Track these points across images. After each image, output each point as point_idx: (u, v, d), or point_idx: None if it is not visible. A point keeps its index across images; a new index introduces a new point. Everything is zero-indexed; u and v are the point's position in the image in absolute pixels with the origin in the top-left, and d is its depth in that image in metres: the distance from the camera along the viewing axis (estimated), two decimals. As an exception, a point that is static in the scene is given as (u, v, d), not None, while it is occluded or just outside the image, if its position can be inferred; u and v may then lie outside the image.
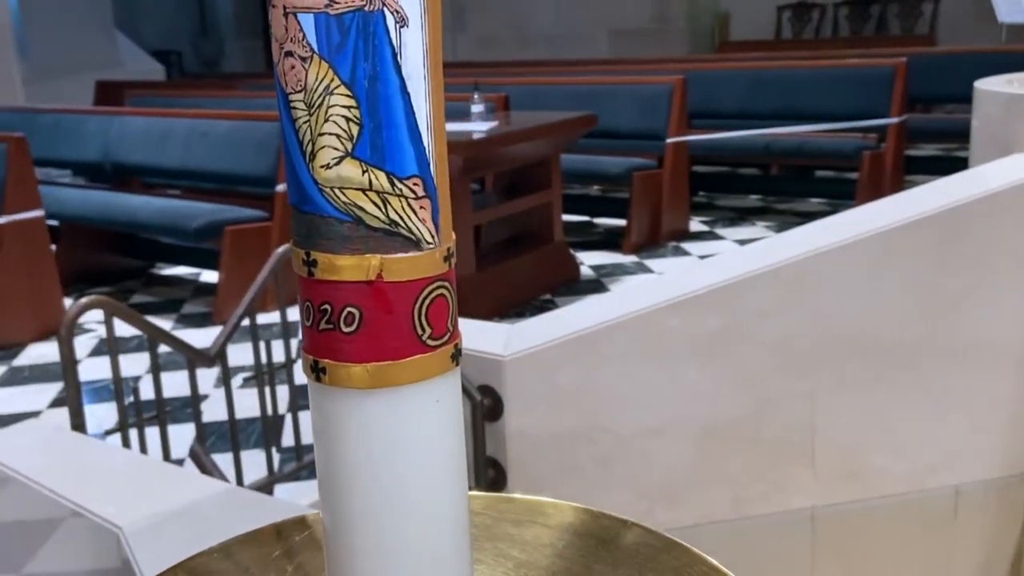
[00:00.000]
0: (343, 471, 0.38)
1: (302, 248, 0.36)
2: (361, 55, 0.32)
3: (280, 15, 0.33)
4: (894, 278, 2.05)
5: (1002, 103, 2.36)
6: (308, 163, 0.34)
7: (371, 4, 0.32)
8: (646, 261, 4.40)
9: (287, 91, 0.34)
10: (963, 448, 2.16)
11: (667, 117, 4.51)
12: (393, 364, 0.36)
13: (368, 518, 0.38)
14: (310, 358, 0.37)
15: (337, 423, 0.37)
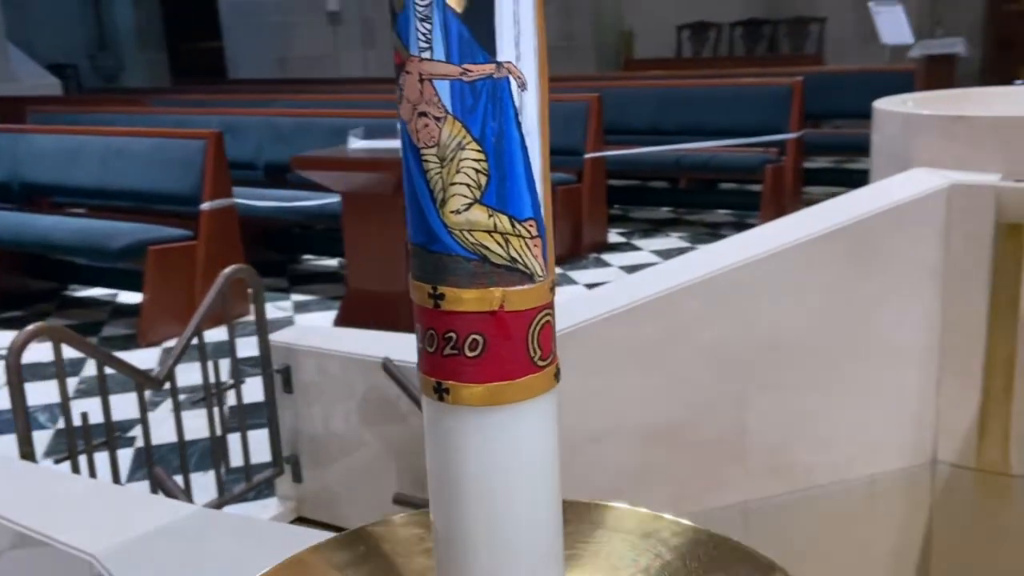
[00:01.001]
0: (461, 480, 0.46)
1: (428, 283, 0.43)
2: (490, 115, 0.40)
3: (415, 81, 0.41)
4: (813, 286, 2.21)
5: (900, 122, 2.57)
6: (438, 209, 0.42)
7: (499, 71, 0.40)
8: (569, 272, 4.54)
9: (419, 146, 0.42)
10: (877, 440, 2.34)
11: (584, 133, 4.67)
12: (510, 384, 0.44)
13: (482, 521, 0.46)
14: (432, 380, 0.45)
15: (458, 438, 0.45)
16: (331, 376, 2.28)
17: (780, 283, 2.18)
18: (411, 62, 0.39)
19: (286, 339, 2.32)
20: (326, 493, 2.40)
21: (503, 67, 0.39)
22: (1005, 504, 2.31)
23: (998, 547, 2.30)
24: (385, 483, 2.25)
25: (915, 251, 2.27)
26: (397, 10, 0.39)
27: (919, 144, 2.47)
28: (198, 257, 4.01)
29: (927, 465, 2.40)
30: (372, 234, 3.61)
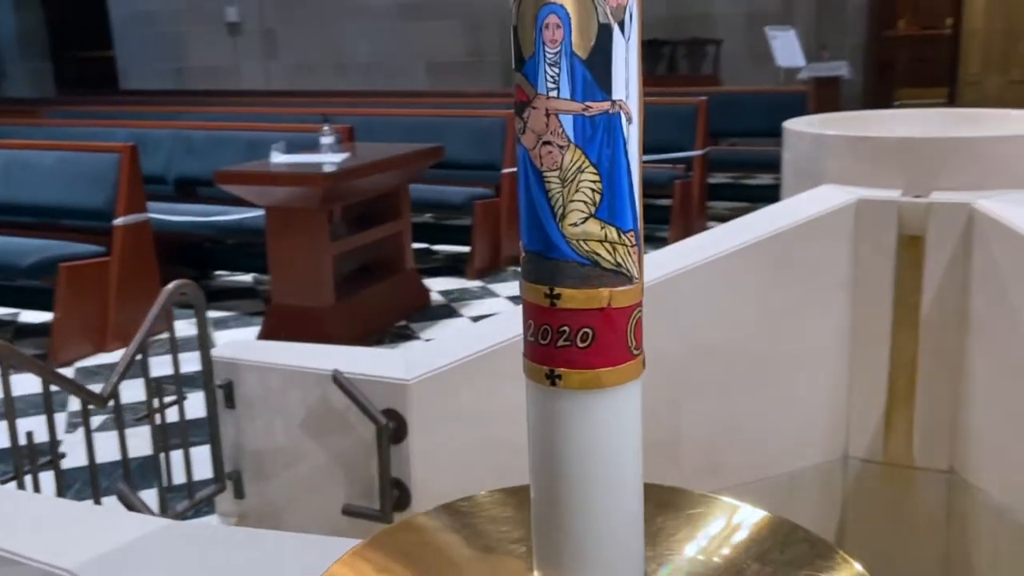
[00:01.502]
0: (565, 456, 0.53)
1: (545, 284, 0.50)
2: (605, 144, 0.48)
3: (542, 115, 0.48)
4: (738, 296, 2.35)
5: (810, 141, 2.75)
6: (558, 222, 0.49)
7: (613, 108, 0.48)
8: (490, 285, 4.63)
9: (542, 169, 0.49)
10: (795, 439, 2.50)
11: (502, 149, 4.77)
12: (613, 370, 0.52)
13: (581, 492, 0.53)
14: (545, 368, 0.52)
15: (566, 418, 0.52)
16: (275, 390, 2.30)
17: (708, 294, 2.31)
18: (538, 99, 0.46)
19: (228, 354, 2.32)
20: (270, 508, 2.41)
21: (616, 104, 0.46)
22: (910, 494, 2.49)
23: (904, 534, 2.48)
24: (332, 495, 2.27)
25: (827, 262, 2.44)
26: (526, 56, 0.46)
27: (828, 162, 2.65)
28: (111, 274, 3.92)
29: (840, 460, 2.57)
30: (297, 248, 3.62)
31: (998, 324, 2.15)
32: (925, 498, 2.45)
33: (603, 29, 0.44)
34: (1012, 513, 2.16)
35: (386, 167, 3.81)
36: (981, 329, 2.20)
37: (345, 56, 9.53)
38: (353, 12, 9.37)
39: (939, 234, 2.29)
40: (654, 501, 0.57)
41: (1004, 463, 2.17)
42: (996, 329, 2.16)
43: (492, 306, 4.30)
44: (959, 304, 2.27)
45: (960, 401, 2.31)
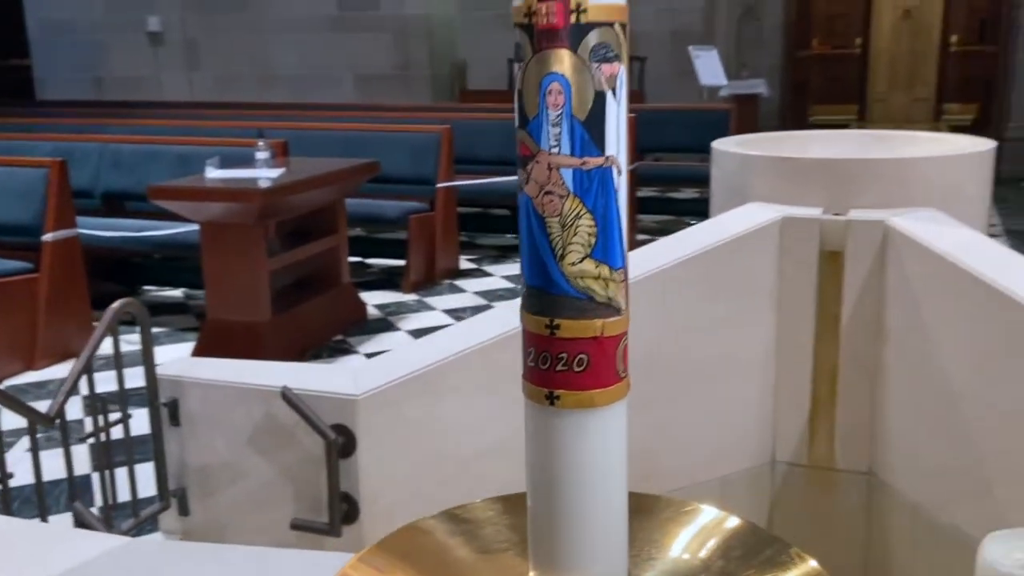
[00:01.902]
0: (562, 468, 0.60)
1: (546, 316, 0.57)
2: (600, 194, 0.55)
3: (544, 168, 0.55)
4: (672, 309, 2.46)
5: (737, 161, 2.89)
6: (558, 262, 0.56)
7: (607, 162, 0.55)
8: (426, 299, 4.67)
9: (544, 215, 0.56)
10: (726, 445, 2.61)
11: (436, 164, 4.83)
12: (605, 391, 0.59)
13: (574, 499, 0.60)
14: (545, 390, 0.59)
15: (564, 434, 0.59)
16: (222, 407, 2.31)
17: (644, 307, 2.41)
18: (541, 154, 0.54)
19: (173, 372, 2.33)
20: (215, 524, 2.41)
21: (609, 159, 0.54)
22: (833, 495, 2.62)
23: (828, 532, 2.61)
24: (279, 511, 2.29)
25: (754, 276, 2.56)
26: (530, 116, 0.53)
27: (754, 181, 2.78)
28: (40, 291, 3.84)
29: (768, 464, 2.69)
30: (233, 264, 3.61)
31: (911, 334, 2.30)
32: (847, 498, 2.58)
33: (599, 95, 0.52)
34: (925, 510, 2.30)
35: (322, 183, 3.84)
36: (896, 339, 2.34)
37: (271, 67, 9.46)
38: (279, 23, 9.31)
39: (857, 250, 2.43)
40: (635, 507, 0.64)
41: (918, 464, 2.32)
42: (909, 339, 2.30)
43: (429, 319, 4.35)
44: (876, 315, 2.41)
45: (877, 407, 2.44)
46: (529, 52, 0.52)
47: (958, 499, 2.21)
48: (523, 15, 0.51)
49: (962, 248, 2.27)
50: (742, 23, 9.00)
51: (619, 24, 0.51)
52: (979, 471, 2.15)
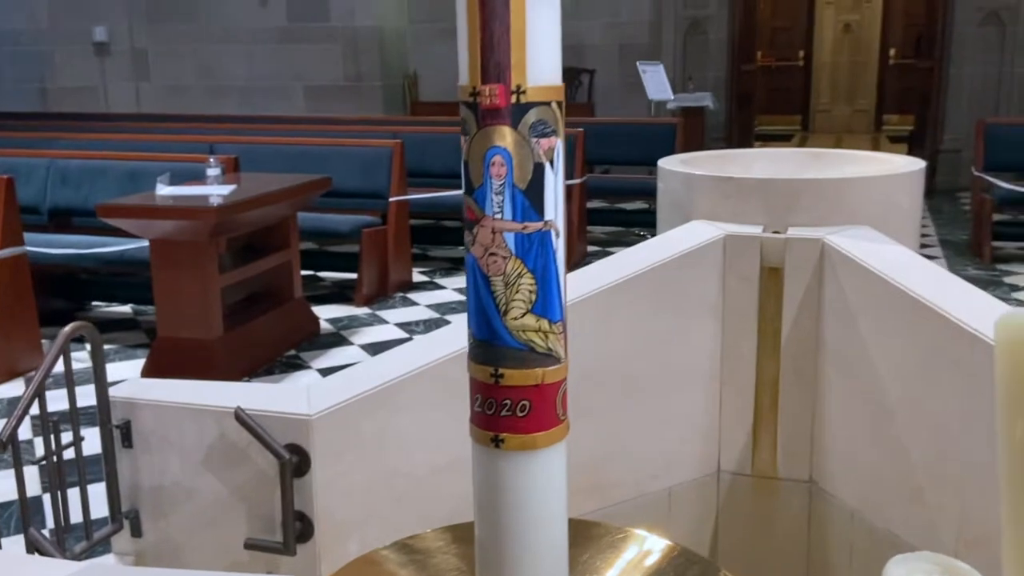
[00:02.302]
0: (506, 504, 0.65)
1: (491, 366, 0.63)
2: (539, 255, 0.61)
3: (489, 232, 0.61)
4: (620, 324, 2.53)
5: (681, 180, 2.97)
6: (502, 316, 0.62)
7: (546, 226, 0.61)
8: (379, 312, 4.69)
9: (488, 275, 0.62)
10: (674, 456, 2.68)
11: (388, 178, 4.86)
12: (545, 434, 0.65)
13: (518, 532, 0.66)
14: (490, 433, 0.65)
15: (508, 474, 0.65)
16: (175, 428, 2.32)
17: (593, 322, 2.47)
18: (486, 219, 0.59)
19: (126, 393, 2.33)
20: (168, 545, 2.42)
21: (548, 223, 0.59)
22: (775, 503, 2.71)
23: (772, 539, 2.70)
24: (233, 530, 2.30)
25: (699, 291, 2.64)
26: (475, 185, 0.59)
27: (697, 199, 2.87)
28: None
29: (714, 475, 2.77)
30: (184, 281, 3.60)
31: (848, 347, 2.39)
32: (789, 506, 2.66)
33: (537, 167, 0.57)
34: (863, 515, 2.40)
35: (274, 199, 3.85)
36: (834, 352, 2.44)
37: (220, 78, 9.39)
38: (228, 34, 9.26)
39: (795, 266, 2.52)
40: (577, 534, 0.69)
41: (856, 472, 2.41)
42: (846, 351, 2.40)
43: (381, 333, 4.37)
44: (815, 329, 2.50)
45: (817, 417, 2.53)
46: (474, 127, 0.57)
47: (892, 505, 2.30)
48: (468, 94, 0.57)
49: (893, 265, 2.37)
50: (688, 37, 9.17)
51: (555, 102, 0.57)
52: (911, 478, 2.25)
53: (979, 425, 1.99)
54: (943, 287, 2.28)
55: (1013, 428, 0.57)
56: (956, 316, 2.10)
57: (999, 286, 5.36)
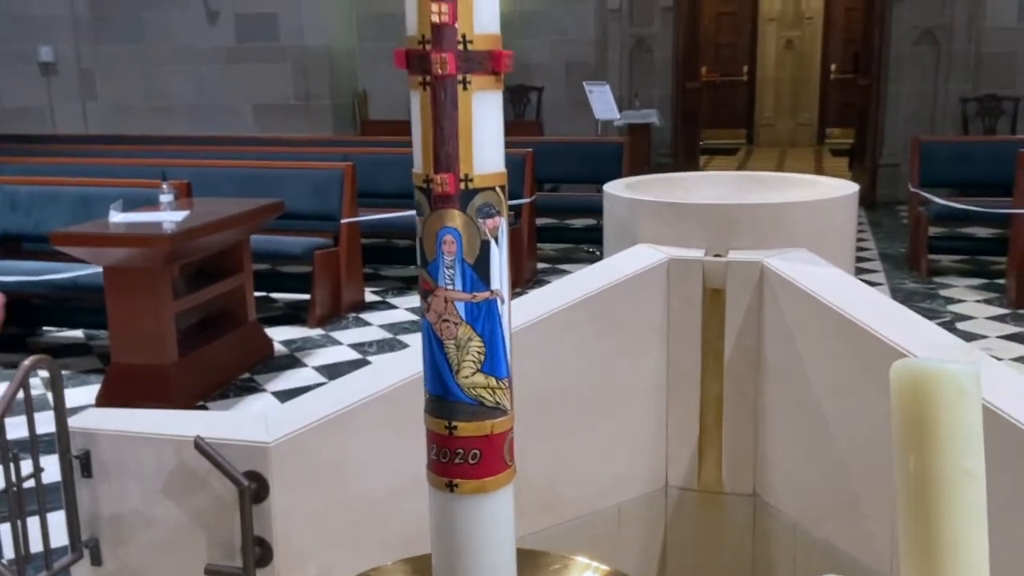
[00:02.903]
0: (462, 542, 0.73)
1: (445, 419, 0.70)
2: (486, 320, 0.69)
3: (441, 301, 0.69)
4: (569, 346, 2.61)
5: (625, 205, 3.08)
6: (454, 375, 0.70)
7: (492, 295, 0.69)
8: (332, 333, 4.73)
9: (442, 338, 0.70)
10: (623, 473, 2.77)
11: (340, 199, 4.91)
12: (494, 478, 0.73)
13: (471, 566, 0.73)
14: (445, 479, 0.72)
15: (461, 516, 0.72)
16: (134, 457, 2.35)
17: (544, 345, 2.55)
18: (439, 290, 0.67)
19: (85, 423, 2.35)
20: (127, 573, 2.44)
21: (494, 292, 0.67)
22: (721, 517, 2.81)
23: (718, 552, 2.80)
24: (192, 557, 2.34)
25: (644, 313, 2.74)
26: (429, 259, 0.66)
27: (642, 224, 2.97)
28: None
29: (661, 490, 2.86)
30: (138, 307, 3.61)
31: (787, 365, 2.51)
32: (734, 519, 2.76)
33: (484, 244, 0.65)
34: (803, 527, 2.50)
35: (228, 225, 3.87)
36: (774, 370, 2.55)
37: (169, 98, 9.34)
38: (176, 53, 9.22)
39: (737, 288, 2.63)
40: (524, 564, 0.77)
41: (796, 485, 2.52)
42: (785, 369, 2.51)
43: (335, 355, 4.41)
44: (756, 348, 2.61)
45: (760, 433, 2.64)
46: (428, 210, 0.65)
47: (831, 516, 2.41)
48: (422, 180, 0.64)
49: (828, 286, 2.49)
50: (634, 55, 9.36)
51: (499, 187, 0.65)
52: (847, 490, 2.36)
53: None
54: (875, 307, 2.40)
55: (906, 463, 0.65)
56: (886, 335, 2.22)
57: (935, 299, 5.57)
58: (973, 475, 0.63)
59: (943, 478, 0.63)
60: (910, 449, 0.64)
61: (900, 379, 0.64)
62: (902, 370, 0.64)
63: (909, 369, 0.64)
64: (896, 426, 0.66)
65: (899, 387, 0.65)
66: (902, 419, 0.65)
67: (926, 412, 0.63)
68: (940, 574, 0.62)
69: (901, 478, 0.65)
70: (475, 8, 0.61)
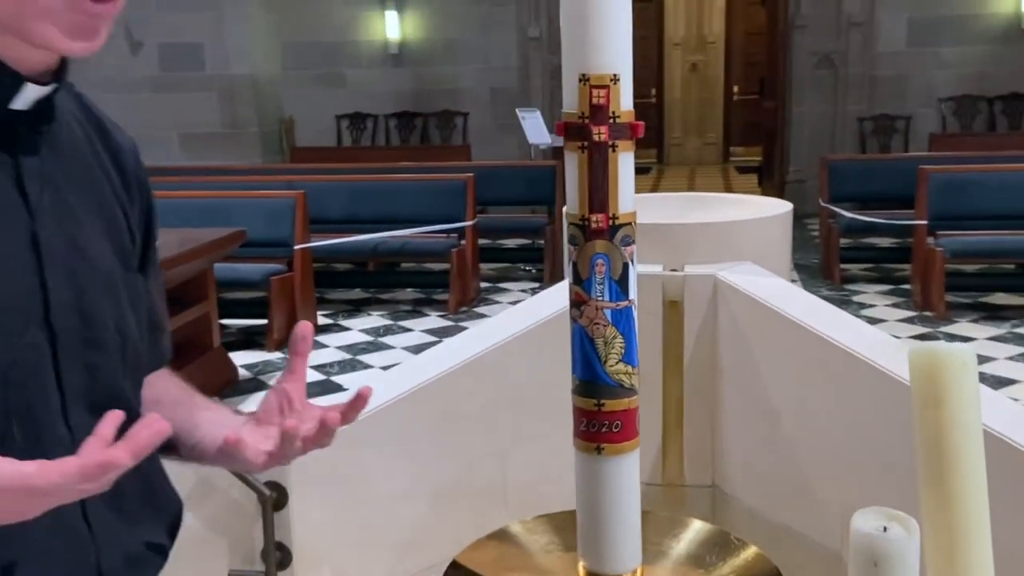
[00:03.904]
0: (604, 495, 0.95)
1: (593, 398, 0.93)
2: (626, 322, 0.92)
3: (593, 308, 0.92)
4: (549, 355, 2.83)
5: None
6: (602, 364, 0.92)
7: (630, 303, 0.92)
8: (291, 357, 4.85)
9: (593, 338, 0.92)
10: (596, 472, 3.01)
11: (292, 227, 5.04)
12: (630, 443, 0.95)
13: (613, 511, 0.95)
14: (593, 444, 0.94)
15: (606, 473, 0.94)
16: (151, 476, 2.48)
17: (520, 360, 2.77)
18: (591, 301, 0.90)
19: (101, 447, 2.47)
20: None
21: (631, 301, 0.91)
22: (684, 508, 3.07)
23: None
24: (215, 564, 2.48)
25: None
26: (583, 277, 0.90)
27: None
28: None
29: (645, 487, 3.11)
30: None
31: (741, 367, 2.80)
32: (696, 510, 3.01)
33: (624, 265, 0.89)
34: (760, 513, 2.78)
35: (194, 256, 3.98)
36: (729, 372, 2.83)
37: (91, 126, 9.23)
38: (100, 83, 9.12)
39: (693, 300, 2.90)
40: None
41: (752, 475, 2.80)
42: (739, 371, 2.80)
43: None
44: (712, 353, 2.88)
45: (717, 429, 2.92)
46: (583, 240, 0.88)
47: (785, 501, 2.69)
48: (578, 219, 0.88)
49: (775, 294, 2.81)
50: (555, 81, 9.72)
51: (633, 223, 0.89)
52: (799, 477, 2.65)
53: (855, 429, 2.41)
54: (817, 312, 2.72)
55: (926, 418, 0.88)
56: (828, 335, 2.54)
57: (849, 304, 6.03)
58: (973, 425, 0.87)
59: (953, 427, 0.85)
60: (928, 407, 0.86)
61: (918, 358, 0.86)
62: (920, 351, 0.87)
63: (926, 351, 0.86)
64: (916, 392, 0.88)
65: (917, 364, 0.86)
66: (921, 386, 0.87)
67: (940, 380, 0.85)
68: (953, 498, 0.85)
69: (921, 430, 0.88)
70: (621, 93, 0.85)
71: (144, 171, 1.11)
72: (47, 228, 0.87)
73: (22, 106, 0.87)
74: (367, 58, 9.85)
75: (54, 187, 0.92)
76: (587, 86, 0.83)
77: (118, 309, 0.97)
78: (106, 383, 0.96)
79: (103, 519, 0.94)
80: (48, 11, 0.79)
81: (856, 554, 0.84)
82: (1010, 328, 5.41)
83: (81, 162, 1.00)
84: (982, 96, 9.32)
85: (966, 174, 5.83)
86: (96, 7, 0.82)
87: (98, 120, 1.08)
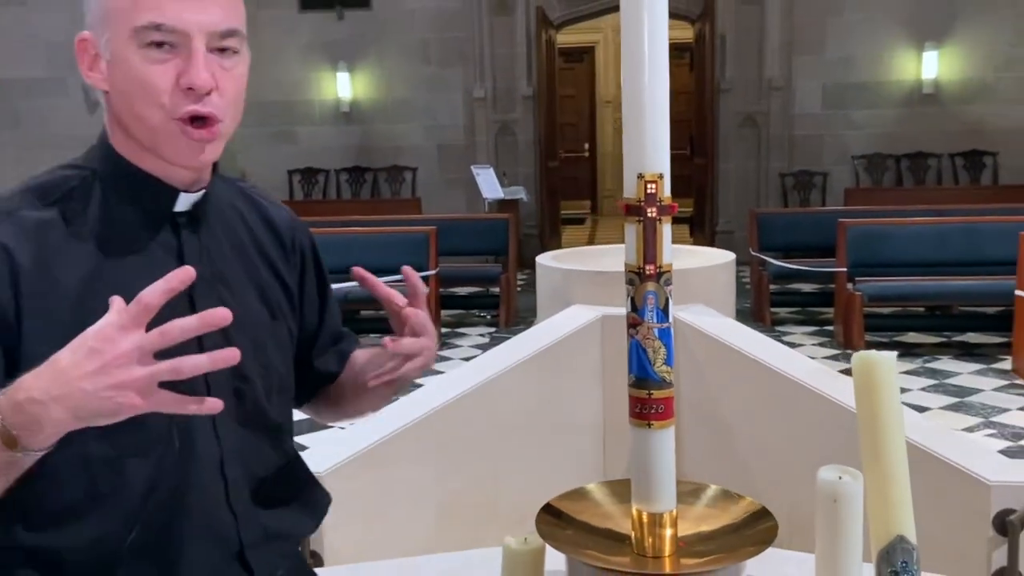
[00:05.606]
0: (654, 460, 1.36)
1: (646, 390, 1.33)
2: (666, 337, 1.32)
3: (646, 328, 1.33)
4: (528, 389, 3.26)
5: (560, 274, 3.80)
6: (651, 365, 1.33)
7: (669, 324, 1.35)
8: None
9: (646, 348, 1.34)
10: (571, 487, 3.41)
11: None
12: (670, 420, 1.35)
13: (658, 469, 1.37)
14: (645, 422, 1.35)
15: (655, 444, 1.34)
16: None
17: (510, 390, 3.19)
18: (644, 323, 1.33)
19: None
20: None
21: (672, 323, 1.34)
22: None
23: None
24: None
25: (585, 360, 3.42)
26: (639, 307, 1.32)
27: (575, 289, 3.69)
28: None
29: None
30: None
31: (699, 396, 3.25)
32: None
33: (667, 300, 1.32)
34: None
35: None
36: (688, 401, 3.28)
37: None
38: (54, 140, 9.30)
39: (656, 337, 3.36)
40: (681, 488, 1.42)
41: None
42: (698, 400, 3.26)
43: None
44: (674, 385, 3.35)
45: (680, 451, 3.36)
46: (639, 282, 1.32)
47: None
48: (634, 268, 1.31)
49: (727, 332, 3.29)
50: (499, 138, 10.26)
51: (671, 270, 1.32)
52: (752, 487, 3.10)
53: (799, 445, 2.88)
54: (765, 347, 3.21)
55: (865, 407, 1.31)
56: (775, 366, 3.02)
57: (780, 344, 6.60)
58: (896, 407, 1.30)
59: (885, 412, 1.27)
60: (866, 394, 1.30)
61: (859, 361, 1.29)
62: (861, 356, 1.29)
63: (865, 356, 1.28)
64: (857, 384, 1.32)
65: (858, 365, 1.30)
66: (861, 380, 1.31)
67: (874, 376, 1.27)
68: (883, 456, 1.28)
69: (861, 410, 1.32)
70: (664, 186, 1.30)
71: (302, 232, 1.47)
72: (201, 291, 1.15)
73: (183, 208, 1.23)
74: (319, 115, 10.26)
75: (209, 260, 1.24)
76: (643, 181, 1.27)
77: (262, 348, 1.28)
78: (251, 405, 1.27)
79: (244, 506, 1.25)
80: (169, 139, 1.16)
81: (821, 495, 1.26)
82: (922, 363, 6.04)
83: (234, 239, 1.32)
84: (890, 154, 10.19)
85: (880, 226, 6.50)
86: (197, 132, 1.15)
87: (255, 202, 1.41)
